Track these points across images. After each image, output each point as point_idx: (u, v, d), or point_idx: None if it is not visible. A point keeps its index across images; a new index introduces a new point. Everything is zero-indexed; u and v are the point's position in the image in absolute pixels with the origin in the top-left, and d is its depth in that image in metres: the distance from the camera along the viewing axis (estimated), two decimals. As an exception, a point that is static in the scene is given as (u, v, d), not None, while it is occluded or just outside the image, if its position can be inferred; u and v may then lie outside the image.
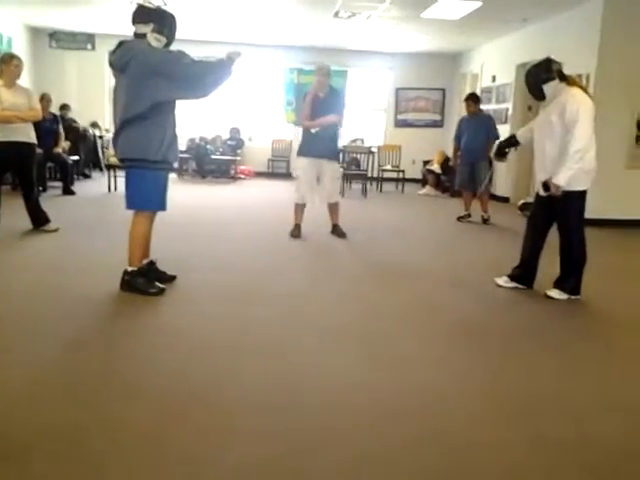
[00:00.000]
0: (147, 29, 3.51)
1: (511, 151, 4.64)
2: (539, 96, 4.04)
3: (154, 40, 3.52)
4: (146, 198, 3.64)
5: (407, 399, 2.50)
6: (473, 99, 7.64)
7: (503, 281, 4.33)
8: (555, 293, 4.09)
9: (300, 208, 5.93)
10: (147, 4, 3.62)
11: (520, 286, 4.26)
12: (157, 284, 3.76)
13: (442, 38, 10.48)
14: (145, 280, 3.73)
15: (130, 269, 3.71)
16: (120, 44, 3.58)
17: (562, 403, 2.54)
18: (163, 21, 3.55)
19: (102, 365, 2.69)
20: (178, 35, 3.70)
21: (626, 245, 6.67)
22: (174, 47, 3.69)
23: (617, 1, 7.10)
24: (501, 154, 4.61)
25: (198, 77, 3.52)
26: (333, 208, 6.02)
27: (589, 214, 4.18)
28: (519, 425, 2.32)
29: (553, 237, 4.13)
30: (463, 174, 7.55)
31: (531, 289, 4.25)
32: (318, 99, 5.67)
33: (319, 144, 5.68)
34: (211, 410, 2.30)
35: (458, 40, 10.59)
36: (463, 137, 7.55)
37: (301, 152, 5.86)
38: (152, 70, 3.43)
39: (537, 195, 4.18)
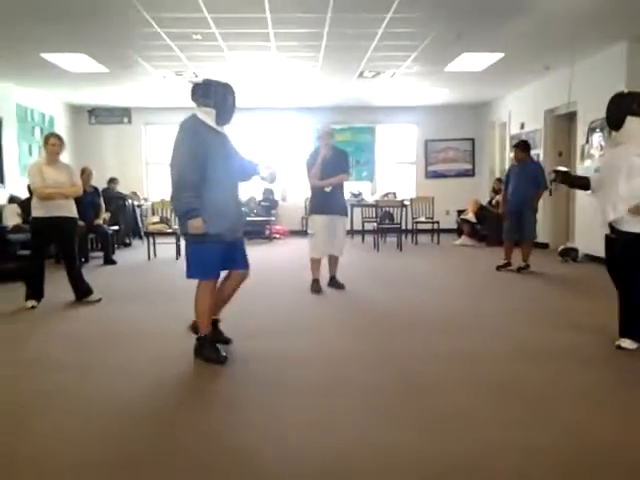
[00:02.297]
0: (195, 104, 3.72)
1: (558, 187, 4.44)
2: (617, 125, 3.82)
3: (201, 113, 3.70)
4: (197, 268, 3.73)
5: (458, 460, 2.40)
6: (522, 147, 7.48)
7: (628, 344, 3.87)
8: (627, 343, 3.85)
9: (317, 264, 6.15)
10: (195, 80, 3.79)
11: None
12: (223, 353, 3.76)
13: (467, 89, 10.62)
14: (210, 348, 3.75)
15: (199, 335, 3.80)
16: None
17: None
18: (208, 93, 3.70)
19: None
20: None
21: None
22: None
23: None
24: (563, 182, 4.36)
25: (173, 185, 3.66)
26: (335, 261, 6.22)
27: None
28: None
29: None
30: (509, 223, 7.42)
31: None
32: (326, 159, 5.92)
33: (332, 201, 5.95)
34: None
35: (483, 90, 10.70)
36: (510, 185, 7.42)
37: (316, 210, 6.07)
38: None
39: (608, 241, 3.95)
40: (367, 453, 2.49)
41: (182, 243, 8.90)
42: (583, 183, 4.23)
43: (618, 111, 3.83)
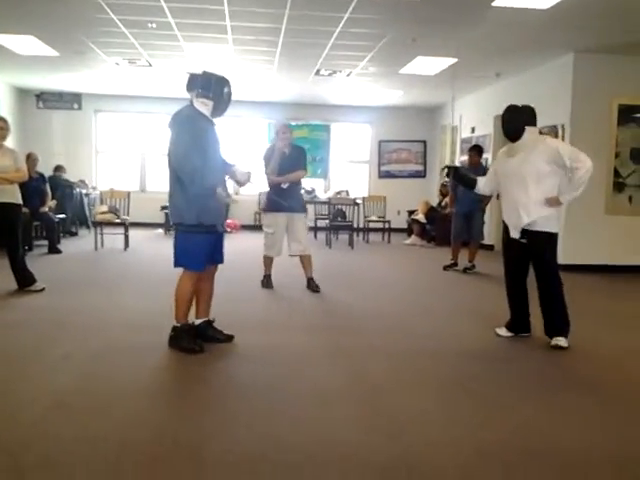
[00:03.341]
0: (193, 95, 3.72)
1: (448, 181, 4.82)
2: (516, 136, 4.10)
3: (200, 104, 3.70)
4: (186, 257, 3.74)
5: (387, 452, 2.48)
6: (477, 150, 7.69)
7: (504, 332, 4.38)
8: (563, 341, 4.07)
9: (270, 260, 6.06)
10: (193, 72, 3.79)
11: (523, 334, 4.34)
12: (199, 342, 3.79)
13: (420, 92, 10.81)
14: (188, 337, 3.77)
15: (174, 325, 3.79)
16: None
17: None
18: (208, 85, 3.70)
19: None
20: (160, 93, 3.80)
21: (607, 290, 6.76)
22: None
23: (586, 57, 7.43)
24: (455, 178, 4.78)
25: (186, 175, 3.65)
26: (306, 260, 6.03)
27: (571, 259, 4.28)
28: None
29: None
30: (458, 224, 7.60)
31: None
32: (284, 155, 5.82)
33: (289, 199, 5.80)
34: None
35: (436, 93, 10.91)
36: (460, 187, 7.56)
37: (273, 208, 5.89)
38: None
39: (510, 242, 4.25)
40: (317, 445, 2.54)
41: (130, 233, 8.87)
42: (470, 182, 4.68)
43: (516, 123, 4.11)
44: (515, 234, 4.16)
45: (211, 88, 3.71)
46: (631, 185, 7.68)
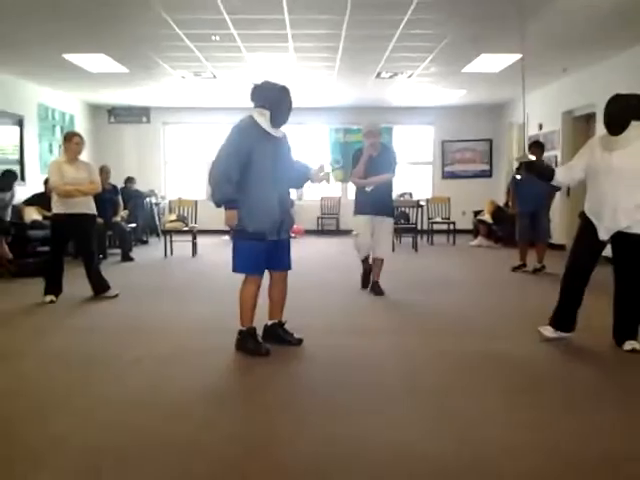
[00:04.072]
0: (253, 105, 3.83)
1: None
2: (619, 129, 3.75)
3: (257, 115, 3.80)
4: (242, 263, 3.84)
5: (455, 455, 2.43)
6: (538, 146, 7.37)
7: (549, 331, 4.13)
8: (638, 345, 3.88)
9: (367, 262, 6.10)
10: (256, 83, 3.89)
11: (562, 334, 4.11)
12: (265, 346, 3.88)
13: (484, 90, 10.58)
14: (254, 341, 3.87)
15: (240, 329, 3.90)
16: None
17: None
18: (263, 95, 3.79)
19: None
20: (223, 103, 3.90)
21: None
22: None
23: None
24: (528, 169, 4.38)
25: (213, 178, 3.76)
26: (378, 264, 5.99)
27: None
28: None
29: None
30: (523, 224, 7.36)
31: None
32: (371, 158, 5.75)
33: (375, 201, 5.76)
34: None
35: (501, 91, 10.65)
36: (524, 186, 7.15)
37: (357, 210, 5.94)
38: None
39: (591, 238, 3.98)
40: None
41: (198, 241, 9.10)
42: (548, 173, 4.31)
43: (623, 115, 3.75)
44: (605, 235, 3.90)
45: (268, 97, 3.76)
46: None
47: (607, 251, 4.07)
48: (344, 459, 2.44)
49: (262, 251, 3.81)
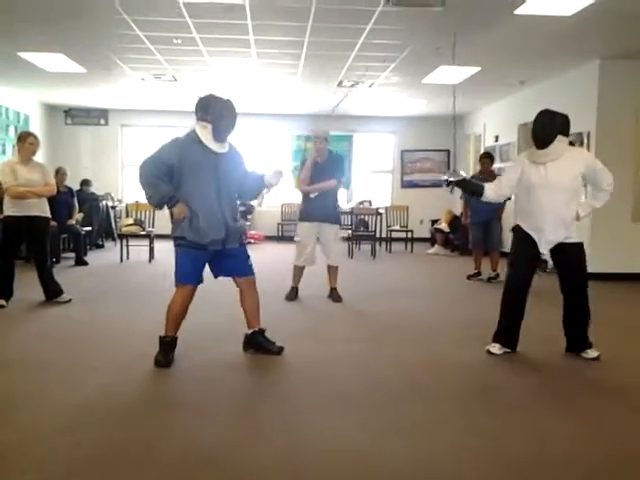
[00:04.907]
0: (195, 118, 3.77)
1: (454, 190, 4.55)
2: (546, 143, 3.85)
3: (199, 128, 3.75)
4: (176, 271, 3.78)
5: (409, 463, 2.46)
6: (489, 157, 7.76)
7: (497, 349, 4.11)
8: (594, 353, 3.99)
9: (299, 271, 5.98)
10: (199, 96, 3.87)
11: (507, 350, 4.12)
12: (169, 357, 3.76)
13: (444, 101, 10.75)
14: (163, 351, 3.76)
15: (160, 335, 3.81)
16: None
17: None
18: (206, 108, 3.73)
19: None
20: (184, 107, 3.87)
21: (633, 299, 6.62)
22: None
23: (611, 64, 7.35)
24: (459, 187, 4.36)
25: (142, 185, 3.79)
26: (333, 271, 6.01)
27: (597, 268, 4.19)
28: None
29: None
30: (476, 233, 7.55)
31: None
32: (317, 164, 5.78)
33: (319, 208, 5.76)
34: None
35: (459, 103, 10.84)
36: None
37: (302, 217, 5.96)
38: None
39: (527, 253, 4.04)
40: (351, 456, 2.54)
41: (155, 245, 8.97)
42: (477, 190, 4.29)
43: (551, 131, 3.85)
44: (545, 249, 3.98)
45: (209, 110, 3.71)
46: (658, 192, 7.54)
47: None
48: (298, 470, 2.43)
49: (196, 261, 3.75)
